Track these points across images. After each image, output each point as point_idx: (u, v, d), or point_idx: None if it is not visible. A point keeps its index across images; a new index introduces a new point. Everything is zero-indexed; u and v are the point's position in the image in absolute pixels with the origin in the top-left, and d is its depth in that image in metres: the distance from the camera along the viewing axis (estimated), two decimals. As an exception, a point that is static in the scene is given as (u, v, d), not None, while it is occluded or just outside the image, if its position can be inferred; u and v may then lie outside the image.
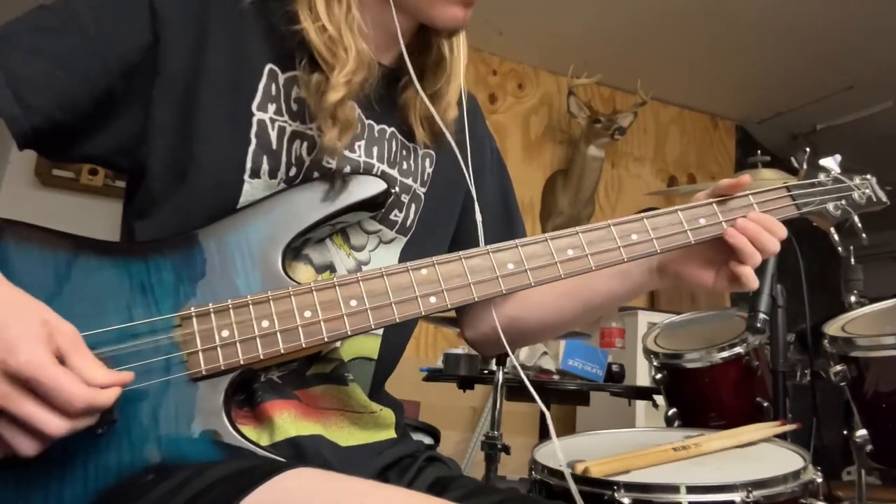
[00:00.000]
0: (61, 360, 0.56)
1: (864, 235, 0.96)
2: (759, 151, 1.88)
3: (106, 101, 0.74)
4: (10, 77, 0.69)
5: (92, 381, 0.56)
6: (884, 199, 0.97)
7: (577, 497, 0.77)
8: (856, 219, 0.95)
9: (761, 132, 4.54)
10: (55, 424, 0.54)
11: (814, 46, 3.53)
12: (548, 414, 0.77)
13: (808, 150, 0.95)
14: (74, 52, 0.72)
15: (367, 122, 0.84)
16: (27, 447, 0.55)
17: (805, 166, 0.94)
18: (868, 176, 0.97)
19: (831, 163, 0.95)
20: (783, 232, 0.84)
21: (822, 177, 0.94)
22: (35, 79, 0.70)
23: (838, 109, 4.10)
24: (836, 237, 0.95)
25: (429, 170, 0.92)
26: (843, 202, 0.94)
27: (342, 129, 0.76)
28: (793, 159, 0.96)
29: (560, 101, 3.89)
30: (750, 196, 0.86)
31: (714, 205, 0.84)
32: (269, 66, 0.78)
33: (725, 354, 1.66)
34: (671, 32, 3.49)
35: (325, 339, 0.69)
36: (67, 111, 0.72)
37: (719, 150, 4.52)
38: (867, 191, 0.96)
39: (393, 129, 0.87)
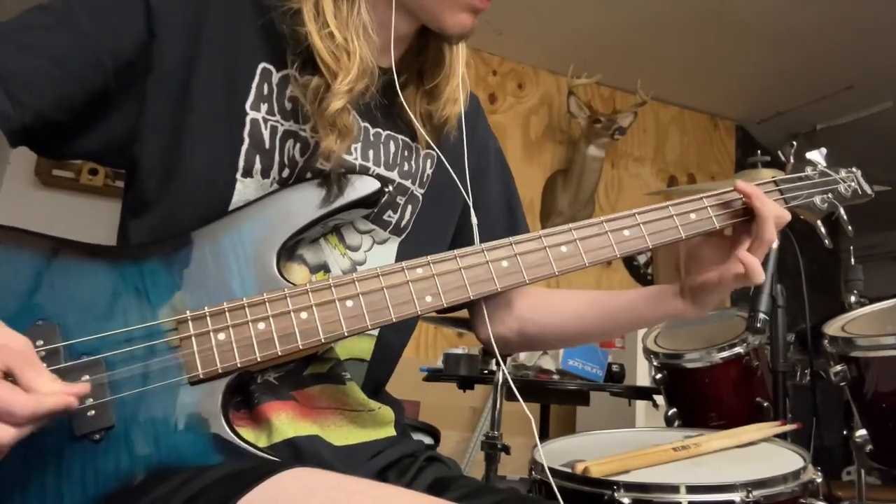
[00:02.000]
0: (12, 378, 0.54)
1: (849, 228, 0.96)
2: (759, 151, 1.88)
3: (99, 99, 0.74)
4: (3, 73, 0.68)
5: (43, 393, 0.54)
6: (869, 191, 0.98)
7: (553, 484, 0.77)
8: (842, 211, 0.96)
9: (761, 132, 4.54)
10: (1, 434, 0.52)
11: (814, 46, 3.53)
12: (532, 418, 0.77)
13: (794, 143, 0.96)
14: (68, 50, 0.71)
15: (362, 124, 0.84)
16: None
17: (792, 160, 0.95)
18: (853, 169, 0.98)
19: (817, 156, 0.96)
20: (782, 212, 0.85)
21: (808, 171, 0.94)
22: (28, 76, 0.69)
23: (838, 109, 4.10)
24: (822, 230, 0.95)
25: (429, 171, 0.91)
26: (830, 195, 0.94)
27: (341, 135, 0.76)
28: (780, 153, 0.96)
29: (560, 101, 3.89)
30: None
31: (704, 200, 0.85)
32: (262, 65, 0.78)
33: (725, 354, 1.67)
34: (671, 32, 3.49)
35: (322, 341, 0.69)
36: (60, 109, 0.71)
37: (719, 150, 4.51)
38: (853, 184, 0.96)
39: (391, 132, 0.87)
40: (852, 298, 1.69)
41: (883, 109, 3.95)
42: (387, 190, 0.85)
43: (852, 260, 1.78)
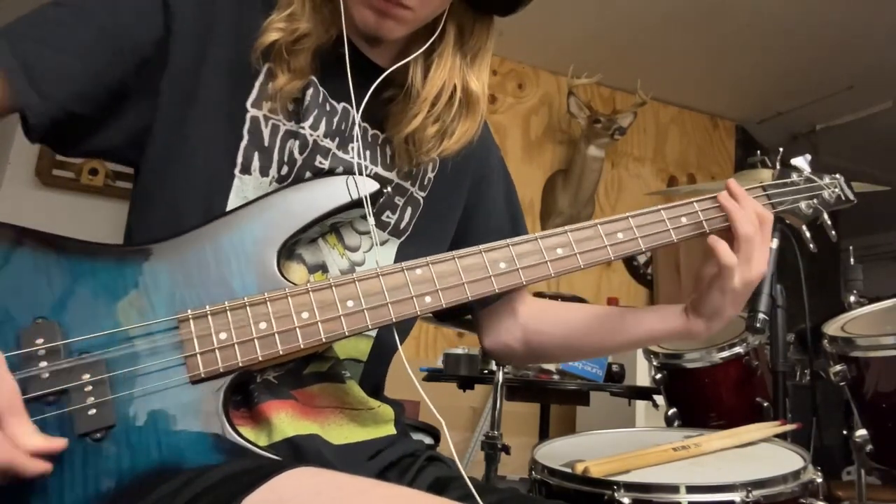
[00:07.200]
0: None
1: (833, 233, 0.98)
2: (759, 151, 1.88)
3: (119, 95, 0.75)
4: (28, 69, 0.69)
5: (23, 447, 0.54)
6: (851, 197, 1.00)
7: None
8: (826, 216, 0.98)
9: (761, 132, 4.54)
10: None
11: (814, 46, 3.53)
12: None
13: (781, 150, 0.99)
14: (90, 46, 0.72)
15: (362, 124, 0.84)
16: None
17: (778, 165, 0.97)
18: (837, 175, 1.01)
19: (802, 162, 0.99)
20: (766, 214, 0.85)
21: (794, 176, 0.97)
22: (52, 71, 0.70)
23: (838, 109, 4.10)
24: (807, 234, 0.98)
25: (430, 174, 0.91)
26: (815, 201, 0.97)
27: (292, 76, 0.76)
28: (766, 159, 0.99)
29: (560, 101, 3.88)
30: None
31: (695, 203, 0.86)
32: (268, 65, 0.79)
33: (725, 354, 1.66)
34: (671, 32, 3.49)
35: (323, 340, 0.69)
36: (84, 103, 0.73)
37: (719, 150, 4.51)
38: (836, 189, 0.99)
39: (389, 134, 0.87)
40: (852, 298, 1.69)
41: (883, 109, 3.95)
42: (385, 191, 0.85)
43: (852, 260, 1.78)
